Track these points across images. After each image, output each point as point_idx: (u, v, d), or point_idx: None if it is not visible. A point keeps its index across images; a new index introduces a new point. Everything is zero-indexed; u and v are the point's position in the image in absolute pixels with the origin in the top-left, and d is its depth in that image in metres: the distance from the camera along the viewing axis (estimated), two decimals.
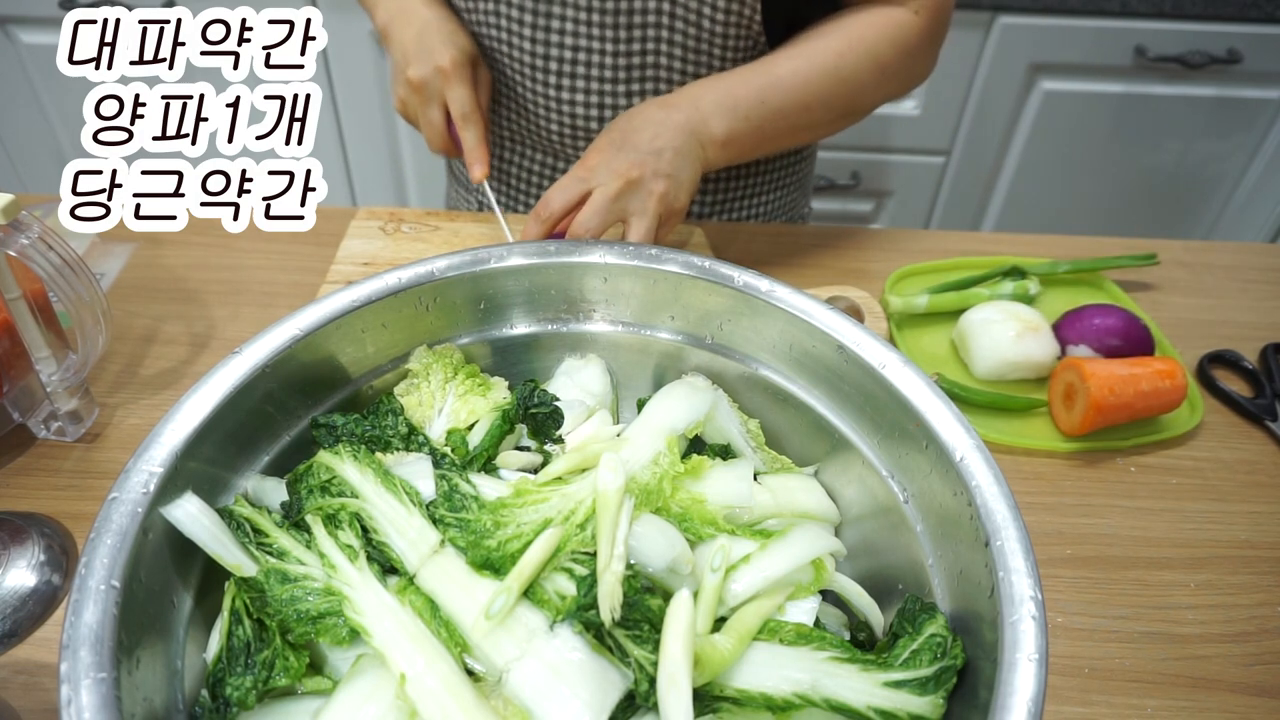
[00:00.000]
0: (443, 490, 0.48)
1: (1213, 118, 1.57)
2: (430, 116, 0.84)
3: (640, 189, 0.73)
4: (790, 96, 0.81)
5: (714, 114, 0.78)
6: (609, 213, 0.72)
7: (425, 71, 0.81)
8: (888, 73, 0.84)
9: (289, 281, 0.88)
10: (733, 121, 0.78)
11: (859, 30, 0.83)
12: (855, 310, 0.81)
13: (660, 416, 0.54)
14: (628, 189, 0.72)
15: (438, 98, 0.83)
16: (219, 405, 0.47)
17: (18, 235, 0.61)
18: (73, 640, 0.37)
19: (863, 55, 0.82)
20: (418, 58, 0.81)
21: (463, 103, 0.81)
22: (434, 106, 0.83)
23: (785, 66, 0.81)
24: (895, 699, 0.42)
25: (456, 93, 0.81)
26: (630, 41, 0.86)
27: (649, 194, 0.73)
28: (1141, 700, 0.58)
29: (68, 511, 0.66)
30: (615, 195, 0.72)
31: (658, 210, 0.73)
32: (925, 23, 0.85)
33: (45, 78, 1.64)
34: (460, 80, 0.81)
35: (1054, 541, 0.67)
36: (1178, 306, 0.90)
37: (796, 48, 0.83)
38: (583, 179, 0.73)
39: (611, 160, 0.73)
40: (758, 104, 0.79)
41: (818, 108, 0.83)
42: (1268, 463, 0.74)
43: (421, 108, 0.84)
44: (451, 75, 0.81)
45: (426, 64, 0.81)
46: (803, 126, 0.84)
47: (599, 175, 0.73)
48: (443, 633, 0.44)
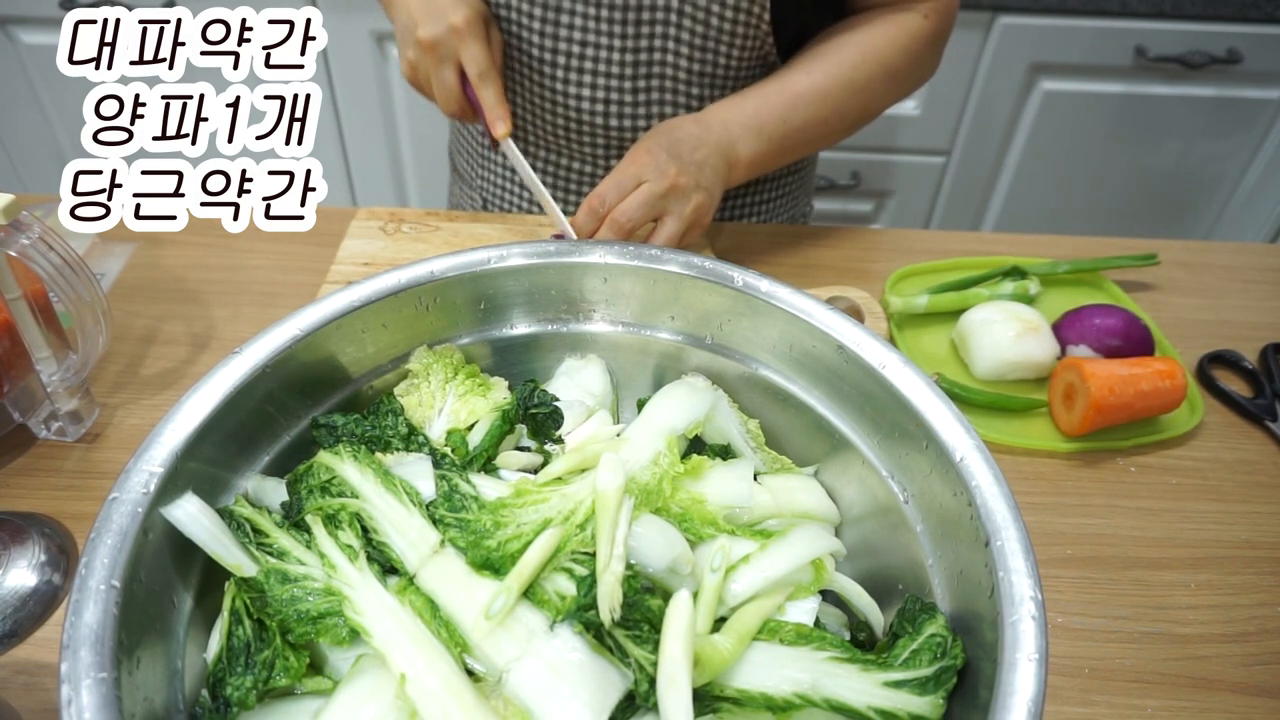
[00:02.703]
0: (443, 490, 0.48)
1: (1213, 118, 1.57)
2: (444, 77, 0.81)
3: (682, 195, 0.76)
4: (810, 113, 0.84)
5: (742, 137, 0.82)
6: (651, 208, 0.75)
7: (438, 30, 0.79)
8: (898, 79, 0.87)
9: (289, 281, 0.88)
10: (758, 143, 0.82)
11: (871, 40, 0.85)
12: (855, 310, 0.81)
13: (660, 416, 0.54)
14: (672, 192, 0.75)
15: (451, 57, 0.80)
16: (219, 405, 0.47)
17: (18, 235, 0.61)
18: (73, 640, 0.37)
19: (875, 65, 0.85)
20: (428, 17, 0.79)
21: (479, 60, 0.80)
22: (448, 67, 0.81)
23: (803, 83, 0.84)
24: (895, 699, 0.42)
25: (472, 51, 0.79)
26: (639, 37, 0.86)
27: (688, 201, 0.76)
28: (1141, 700, 0.58)
29: (68, 511, 0.66)
30: (662, 194, 0.75)
31: (691, 219, 0.76)
32: (934, 26, 0.86)
33: (45, 78, 1.64)
34: (475, 38, 0.79)
35: (1054, 541, 0.67)
36: (1178, 306, 0.90)
37: (812, 61, 0.85)
38: (635, 175, 0.76)
39: (661, 163, 0.76)
40: (780, 124, 0.83)
41: (835, 120, 0.85)
42: (1268, 463, 0.74)
43: (434, 69, 0.81)
44: (466, 33, 0.79)
45: (439, 23, 0.79)
46: (819, 138, 0.87)
47: (648, 173, 0.75)
48: (443, 633, 0.44)
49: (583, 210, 0.76)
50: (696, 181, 0.77)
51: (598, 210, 0.75)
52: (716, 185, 0.79)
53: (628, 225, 0.74)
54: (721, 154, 0.80)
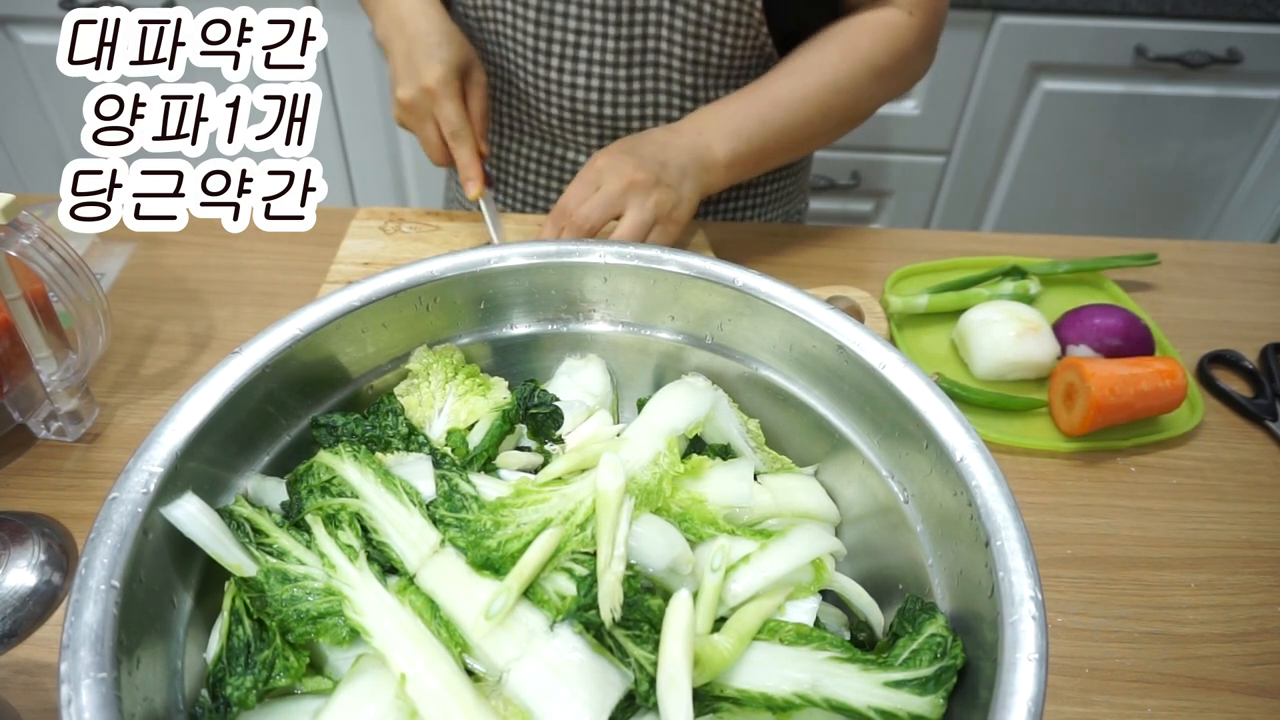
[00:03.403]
0: (443, 490, 0.48)
1: (1213, 118, 1.57)
2: (425, 134, 0.84)
3: (640, 189, 0.76)
4: (791, 114, 0.84)
5: (717, 139, 0.82)
6: (609, 206, 0.75)
7: (412, 92, 0.81)
8: (885, 77, 0.86)
9: (289, 281, 0.88)
10: (735, 144, 0.82)
11: (854, 39, 0.85)
12: (855, 310, 0.81)
13: (660, 416, 0.54)
14: (630, 188, 0.76)
15: (429, 116, 0.82)
16: (219, 405, 0.47)
17: (18, 235, 0.61)
18: (73, 640, 0.37)
19: (859, 64, 0.85)
20: (405, 77, 0.81)
21: (451, 121, 0.81)
22: (427, 124, 0.83)
23: (784, 85, 0.84)
24: (895, 699, 0.42)
25: (445, 111, 0.81)
26: (632, 25, 0.86)
27: (647, 195, 0.76)
28: (1141, 700, 0.58)
29: (68, 511, 0.66)
30: (620, 191, 0.75)
31: (652, 211, 0.76)
32: (920, 22, 0.85)
33: (45, 78, 1.64)
34: (447, 97, 0.81)
35: (1054, 541, 0.67)
36: (1178, 306, 0.90)
37: (794, 63, 0.86)
38: (591, 181, 0.77)
39: (618, 164, 0.77)
40: (759, 125, 0.83)
41: (818, 121, 0.85)
42: (1268, 463, 0.74)
43: (416, 126, 0.84)
44: (438, 94, 0.80)
45: (413, 84, 0.81)
46: (805, 140, 0.87)
47: (605, 176, 0.76)
48: (443, 633, 0.44)
49: (548, 222, 0.77)
50: (657, 178, 0.77)
51: (557, 220, 0.76)
52: (685, 184, 0.79)
53: (585, 225, 0.75)
54: (694, 155, 0.80)
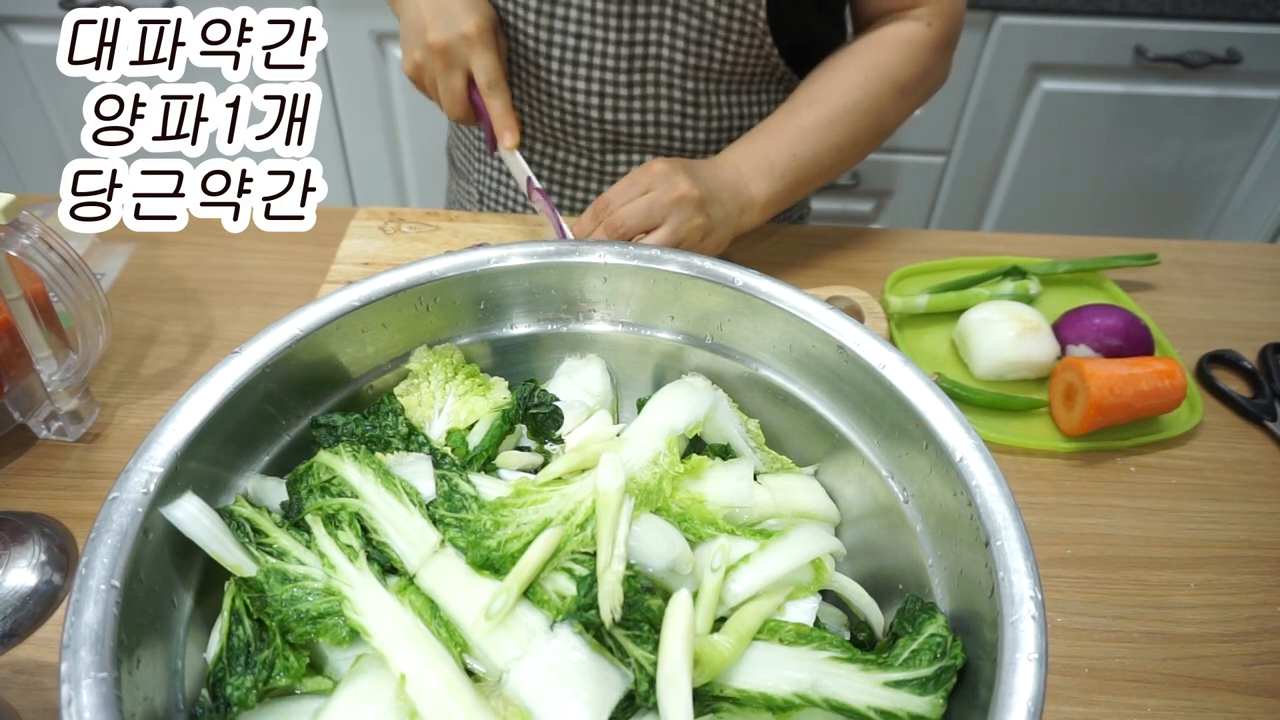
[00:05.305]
0: (443, 490, 0.48)
1: (1212, 118, 1.57)
2: (451, 83, 0.82)
3: (686, 209, 0.75)
4: (819, 143, 0.83)
5: (754, 179, 0.81)
6: (650, 215, 0.75)
7: (449, 36, 0.79)
8: (908, 92, 0.86)
9: (289, 281, 0.88)
10: (771, 182, 0.82)
11: (874, 56, 0.84)
12: (855, 310, 0.81)
13: (660, 416, 0.54)
14: (678, 202, 0.75)
15: (461, 64, 0.81)
16: (219, 405, 0.47)
17: (18, 235, 0.61)
18: (73, 640, 0.37)
19: (881, 82, 0.84)
20: (439, 21, 0.79)
21: (489, 70, 0.80)
22: (456, 72, 0.81)
23: (808, 115, 0.83)
24: (895, 699, 0.42)
25: (483, 60, 0.80)
26: (634, 30, 0.86)
27: (689, 219, 0.76)
28: (1141, 700, 0.58)
29: (68, 511, 0.66)
30: (667, 203, 0.75)
31: (685, 234, 0.76)
32: (938, 33, 0.85)
33: (45, 78, 1.64)
34: (486, 46, 0.80)
35: (1054, 541, 0.67)
36: (1178, 306, 0.90)
37: (815, 88, 0.85)
38: (642, 184, 0.76)
39: (674, 177, 0.76)
40: (790, 159, 0.82)
41: (847, 145, 0.85)
42: (1267, 463, 0.74)
43: (442, 73, 0.82)
44: (477, 42, 0.79)
45: (450, 28, 0.79)
46: (836, 165, 0.86)
47: (657, 182, 0.75)
48: (443, 633, 0.44)
49: (588, 213, 0.76)
50: (704, 208, 0.76)
51: (600, 214, 0.75)
52: (724, 222, 0.79)
53: (623, 227, 0.74)
54: (734, 194, 0.80)
